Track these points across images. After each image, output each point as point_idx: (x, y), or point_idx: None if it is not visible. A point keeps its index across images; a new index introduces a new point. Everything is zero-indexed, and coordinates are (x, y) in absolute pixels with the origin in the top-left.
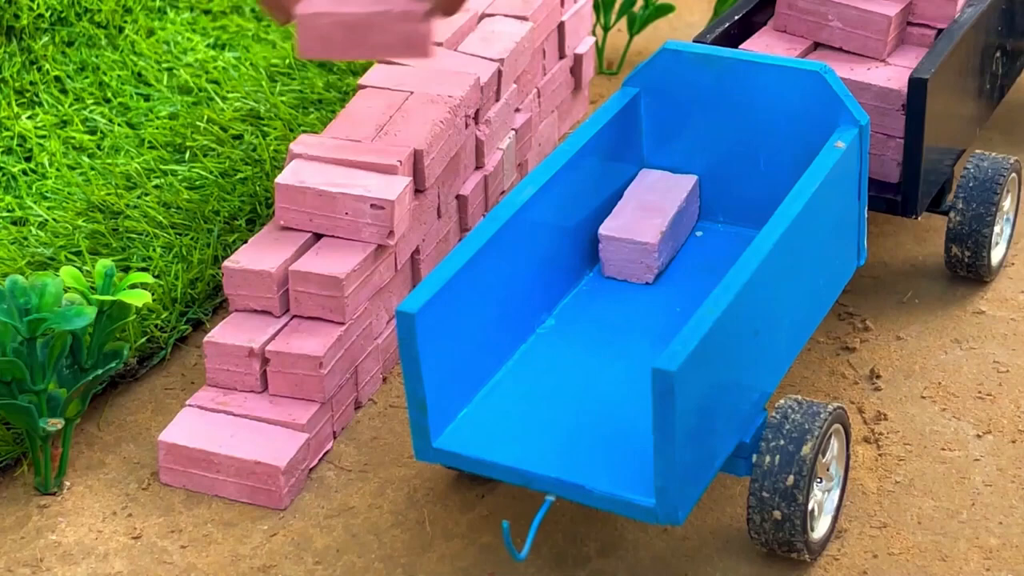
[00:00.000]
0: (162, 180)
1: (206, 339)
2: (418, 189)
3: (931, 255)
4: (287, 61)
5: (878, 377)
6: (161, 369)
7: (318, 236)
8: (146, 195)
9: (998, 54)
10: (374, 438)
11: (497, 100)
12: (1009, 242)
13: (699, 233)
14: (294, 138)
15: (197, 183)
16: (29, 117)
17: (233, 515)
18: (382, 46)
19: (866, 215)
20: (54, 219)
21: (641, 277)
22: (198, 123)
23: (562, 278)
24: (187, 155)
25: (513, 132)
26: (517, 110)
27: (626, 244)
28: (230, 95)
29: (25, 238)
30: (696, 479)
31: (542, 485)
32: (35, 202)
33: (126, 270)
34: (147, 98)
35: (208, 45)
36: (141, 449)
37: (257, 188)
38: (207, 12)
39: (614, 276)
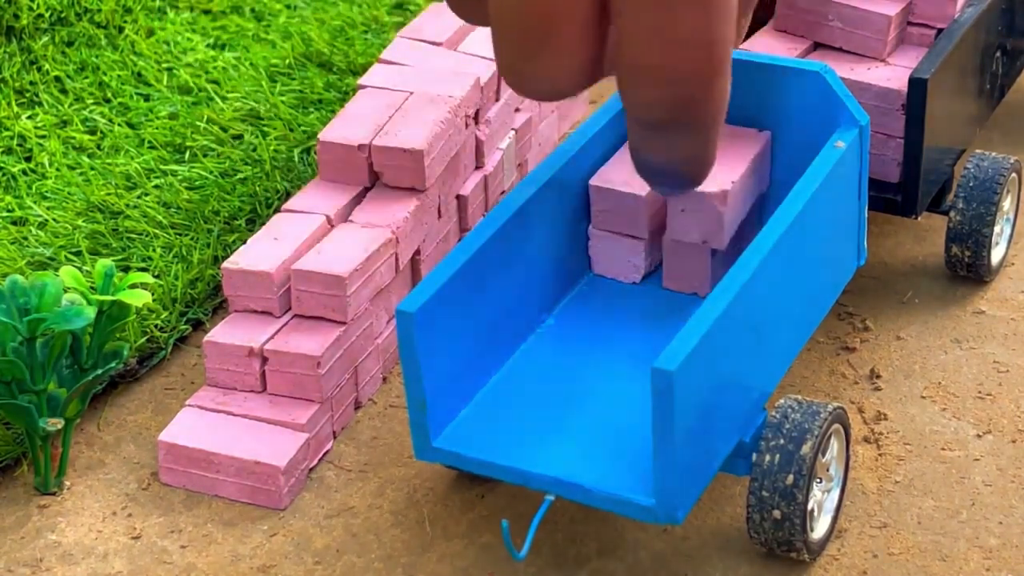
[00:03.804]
0: (162, 180)
1: (206, 339)
2: (418, 189)
3: (931, 255)
4: (287, 61)
5: (878, 377)
6: (161, 369)
7: (319, 236)
8: (146, 195)
9: (998, 54)
10: (374, 438)
11: (497, 100)
12: (1009, 242)
13: None
14: (294, 138)
15: (197, 183)
16: (29, 117)
17: (233, 515)
18: None
19: (866, 215)
20: (54, 219)
21: (629, 276)
22: (198, 123)
23: (562, 278)
24: (187, 155)
25: (513, 132)
26: (517, 110)
27: (614, 242)
28: (230, 95)
29: (25, 238)
30: (696, 479)
31: (542, 485)
32: (35, 202)
33: (126, 270)
34: (147, 98)
35: (208, 45)
36: (141, 449)
37: (257, 188)
38: (207, 12)
39: (603, 274)
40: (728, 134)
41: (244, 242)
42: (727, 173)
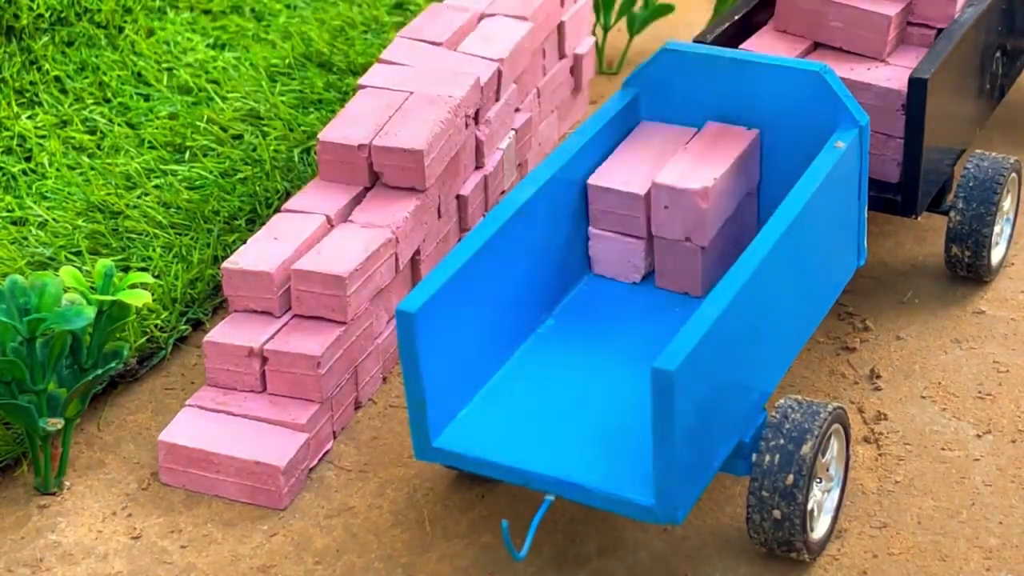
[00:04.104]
0: (162, 180)
1: (206, 339)
2: (418, 189)
3: (931, 255)
4: (287, 61)
5: (878, 377)
6: (161, 369)
7: (319, 236)
8: (146, 195)
9: (998, 54)
10: (374, 438)
11: (497, 100)
12: (1009, 242)
13: None
14: (294, 138)
15: (197, 183)
16: (29, 117)
17: (233, 515)
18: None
19: (866, 215)
20: (54, 219)
21: (628, 276)
22: (198, 123)
23: (562, 278)
24: (187, 155)
25: (513, 132)
26: (517, 110)
27: (614, 242)
28: (230, 95)
29: (25, 238)
30: (695, 479)
31: (542, 485)
32: (35, 202)
33: (126, 270)
34: (147, 98)
35: (208, 45)
36: (141, 449)
37: (257, 188)
38: (207, 12)
39: (603, 274)
40: (716, 132)
41: (244, 242)
42: (711, 170)
